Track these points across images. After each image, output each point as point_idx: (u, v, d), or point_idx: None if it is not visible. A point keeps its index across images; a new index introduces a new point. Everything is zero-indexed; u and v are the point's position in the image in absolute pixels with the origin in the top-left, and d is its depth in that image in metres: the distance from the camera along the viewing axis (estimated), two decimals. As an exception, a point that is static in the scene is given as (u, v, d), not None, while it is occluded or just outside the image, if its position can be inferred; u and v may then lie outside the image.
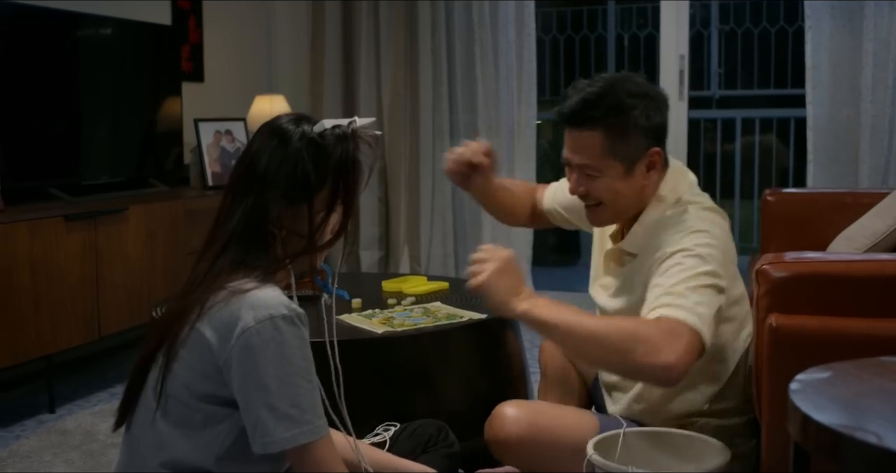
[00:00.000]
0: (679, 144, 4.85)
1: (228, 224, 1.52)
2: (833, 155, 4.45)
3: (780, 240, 3.45)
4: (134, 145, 4.19)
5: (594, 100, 1.89)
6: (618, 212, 1.99)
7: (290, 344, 1.41)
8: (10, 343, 3.10)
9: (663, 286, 1.78)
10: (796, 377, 1.47)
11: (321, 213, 1.54)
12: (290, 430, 1.41)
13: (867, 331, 1.76)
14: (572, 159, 1.95)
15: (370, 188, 5.25)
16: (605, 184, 1.93)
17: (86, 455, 2.90)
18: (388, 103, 5.19)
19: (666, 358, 1.66)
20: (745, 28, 7.31)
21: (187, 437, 1.47)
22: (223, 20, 4.91)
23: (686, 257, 1.81)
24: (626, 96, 1.89)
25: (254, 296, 1.43)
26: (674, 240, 1.85)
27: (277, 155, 1.51)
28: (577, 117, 1.91)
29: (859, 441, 1.22)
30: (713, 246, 1.84)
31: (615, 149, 1.89)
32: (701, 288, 1.76)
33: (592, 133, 1.89)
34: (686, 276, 1.78)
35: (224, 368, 1.43)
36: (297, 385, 1.41)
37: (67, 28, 3.71)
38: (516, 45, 4.98)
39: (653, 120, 1.91)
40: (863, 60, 4.32)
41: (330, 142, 1.52)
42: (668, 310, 1.73)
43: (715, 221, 1.92)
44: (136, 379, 1.55)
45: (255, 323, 1.40)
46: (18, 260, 3.13)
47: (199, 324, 1.44)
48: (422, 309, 2.60)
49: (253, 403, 1.41)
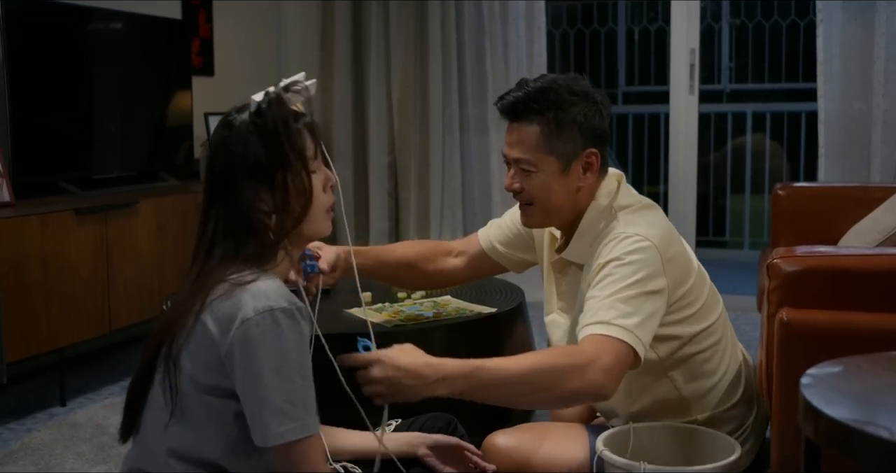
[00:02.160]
0: (690, 138, 4.84)
1: (210, 222, 1.53)
2: (844, 149, 4.43)
3: (791, 235, 3.44)
4: (144, 139, 4.20)
5: (534, 95, 1.90)
6: (549, 213, 1.97)
7: (288, 337, 1.41)
8: (21, 336, 3.12)
9: (595, 298, 1.79)
10: (807, 371, 1.47)
11: (287, 183, 1.52)
12: (281, 425, 1.41)
13: (879, 326, 1.75)
14: (510, 153, 1.94)
15: (379, 182, 5.25)
16: (540, 180, 1.92)
17: (97, 448, 2.92)
18: (398, 97, 5.19)
19: (593, 377, 1.67)
20: (756, 22, 7.28)
21: (193, 430, 1.48)
22: (233, 14, 4.92)
23: (616, 267, 1.81)
24: (567, 93, 1.90)
25: (255, 288, 1.43)
26: (605, 251, 1.85)
27: (229, 145, 1.52)
28: (516, 109, 1.91)
29: (871, 436, 1.22)
30: (643, 248, 1.83)
31: (551, 145, 1.90)
32: (632, 298, 1.77)
33: (530, 127, 1.90)
34: (616, 289, 1.78)
35: (226, 359, 1.43)
36: (292, 380, 1.41)
37: (78, 22, 3.72)
38: (527, 40, 4.97)
39: (591, 120, 1.91)
40: (874, 54, 4.30)
41: (266, 115, 1.52)
42: (595, 328, 1.74)
43: (644, 221, 1.90)
44: (140, 381, 1.56)
45: (254, 314, 1.40)
46: (29, 254, 3.14)
47: (202, 316, 1.45)
48: (431, 303, 2.60)
49: (250, 395, 1.42)
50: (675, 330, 1.92)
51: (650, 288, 1.80)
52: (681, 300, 1.90)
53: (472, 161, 5.20)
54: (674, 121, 4.84)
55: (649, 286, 1.80)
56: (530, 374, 1.66)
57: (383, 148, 5.27)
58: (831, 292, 1.80)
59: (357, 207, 5.37)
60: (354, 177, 5.36)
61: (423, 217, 5.24)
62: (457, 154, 5.17)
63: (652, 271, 1.81)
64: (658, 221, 1.93)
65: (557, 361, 1.69)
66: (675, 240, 1.93)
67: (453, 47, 5.08)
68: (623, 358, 1.72)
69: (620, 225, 1.89)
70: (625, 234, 1.85)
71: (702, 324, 1.96)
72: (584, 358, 1.69)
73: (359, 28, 5.26)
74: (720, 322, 2.02)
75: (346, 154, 5.33)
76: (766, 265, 1.86)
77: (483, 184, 5.16)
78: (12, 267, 3.07)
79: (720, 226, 6.84)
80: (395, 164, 5.29)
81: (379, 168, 5.28)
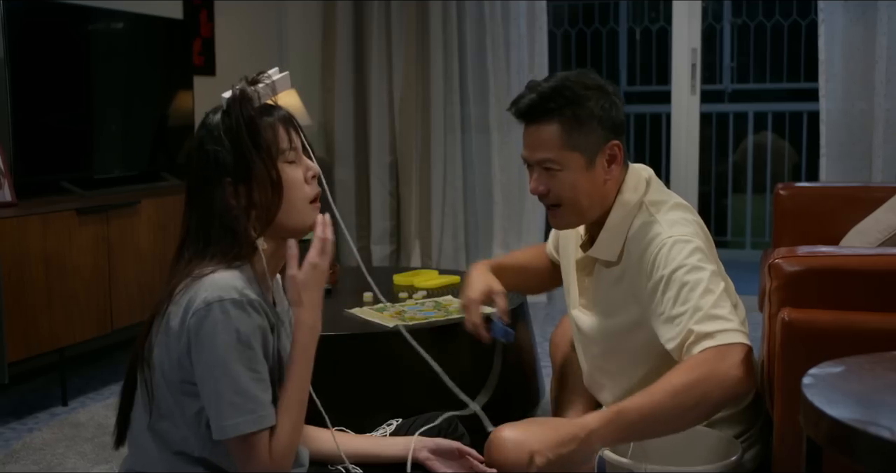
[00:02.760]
0: (691, 138, 4.84)
1: (186, 223, 1.56)
2: (846, 149, 4.43)
3: (793, 235, 3.43)
4: (146, 139, 4.20)
5: (549, 94, 1.89)
6: (580, 212, 1.96)
7: (238, 329, 1.42)
8: (23, 336, 3.12)
9: (686, 315, 1.78)
10: (809, 371, 1.46)
11: (255, 178, 1.52)
12: (232, 418, 1.42)
13: (880, 326, 1.75)
14: (531, 157, 1.93)
15: (381, 181, 5.25)
16: (567, 178, 1.91)
17: (98, 447, 2.92)
18: (400, 97, 5.19)
19: (730, 375, 1.68)
20: (757, 21, 7.28)
21: (177, 427, 1.49)
22: (235, 14, 4.92)
23: (686, 274, 1.80)
24: (581, 88, 1.90)
25: (209, 279, 1.45)
26: (661, 261, 1.84)
27: (204, 145, 1.53)
28: (533, 111, 1.91)
29: (873, 436, 1.22)
30: (698, 248, 1.84)
31: (574, 141, 1.89)
32: (714, 301, 1.77)
33: (550, 126, 1.89)
34: (698, 295, 1.78)
35: (188, 352, 1.45)
36: (241, 372, 1.42)
37: (80, 22, 3.72)
38: (528, 40, 4.97)
39: (609, 112, 1.91)
40: (876, 54, 4.29)
41: (231, 112, 1.52)
42: (705, 343, 1.73)
43: (686, 219, 1.91)
44: (128, 386, 1.57)
45: (203, 305, 1.42)
46: (31, 254, 3.14)
47: (168, 310, 1.48)
48: (433, 303, 2.60)
49: (205, 387, 1.43)
50: None
51: (717, 283, 1.81)
52: None
53: (474, 160, 5.20)
54: (675, 121, 4.84)
55: (715, 282, 1.81)
56: (671, 399, 1.66)
57: (384, 147, 5.27)
58: (833, 292, 1.80)
59: (358, 206, 5.37)
60: (356, 177, 5.36)
61: (425, 216, 5.24)
62: (458, 153, 5.17)
63: (712, 266, 1.83)
64: (694, 219, 1.94)
65: (689, 377, 1.68)
66: (709, 242, 1.95)
67: (455, 47, 5.08)
68: (742, 353, 1.72)
69: (663, 226, 1.88)
70: (674, 239, 1.85)
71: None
72: (711, 366, 1.69)
73: (360, 27, 5.26)
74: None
75: (348, 153, 5.34)
76: (767, 265, 1.85)
77: (485, 184, 5.16)
78: (14, 266, 3.07)
79: (722, 225, 6.84)
80: (397, 164, 5.29)
81: (380, 167, 5.28)
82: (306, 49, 5.37)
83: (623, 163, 1.95)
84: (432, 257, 5.22)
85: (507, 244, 5.09)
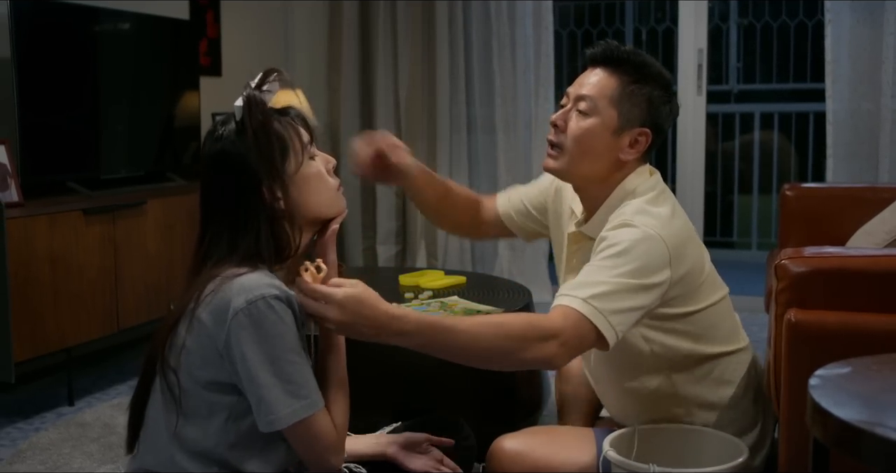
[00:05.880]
0: (697, 138, 4.84)
1: (207, 232, 1.57)
2: (853, 149, 4.42)
3: (799, 235, 3.43)
4: (152, 139, 4.21)
5: (631, 54, 1.92)
6: (573, 165, 1.93)
7: (284, 321, 1.46)
8: (29, 336, 3.12)
9: (587, 273, 1.77)
10: (816, 372, 1.46)
11: (286, 177, 1.55)
12: (290, 406, 1.45)
13: (887, 327, 1.75)
14: (577, 90, 1.93)
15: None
16: (590, 125, 1.89)
17: (105, 447, 2.92)
18: (406, 97, 5.19)
19: (550, 350, 1.66)
20: (763, 22, 7.26)
21: (197, 426, 1.50)
22: (241, 14, 4.92)
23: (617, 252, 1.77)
24: (657, 73, 1.93)
25: (244, 279, 1.47)
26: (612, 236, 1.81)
27: (220, 157, 1.56)
28: (611, 56, 1.92)
29: (880, 437, 1.21)
30: (648, 238, 1.77)
31: (619, 101, 1.89)
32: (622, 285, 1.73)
33: (611, 77, 1.91)
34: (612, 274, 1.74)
35: (224, 352, 1.47)
36: (292, 361, 1.46)
37: (86, 23, 3.72)
38: (534, 40, 4.97)
39: (661, 107, 1.92)
40: (883, 54, 4.29)
41: (254, 118, 1.56)
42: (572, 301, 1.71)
43: (656, 211, 1.85)
44: (142, 390, 1.59)
45: (246, 304, 1.44)
46: (38, 254, 3.15)
47: (198, 312, 1.49)
48: (439, 304, 2.60)
49: (253, 382, 1.45)
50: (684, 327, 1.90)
51: (645, 282, 1.75)
52: (689, 293, 1.87)
53: (480, 160, 5.20)
54: (681, 121, 4.84)
55: (645, 279, 1.75)
56: (491, 341, 1.64)
57: (390, 147, 5.26)
58: (839, 293, 1.80)
59: (364, 206, 5.37)
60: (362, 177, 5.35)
61: (431, 217, 5.24)
62: (464, 153, 5.17)
63: (652, 264, 1.76)
64: (668, 212, 1.87)
65: (521, 331, 1.66)
66: (687, 235, 1.88)
67: (461, 47, 5.08)
68: (585, 338, 1.70)
69: (632, 209, 1.85)
70: (632, 222, 1.80)
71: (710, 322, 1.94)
72: (547, 332, 1.67)
73: (366, 28, 5.27)
74: (735, 326, 2.01)
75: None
76: (773, 266, 1.85)
77: (490, 184, 5.16)
78: (21, 266, 3.08)
79: (728, 226, 6.83)
80: (403, 164, 5.28)
81: (386, 168, 5.27)
82: (312, 49, 5.37)
83: (644, 157, 1.95)
84: (438, 257, 5.22)
85: (513, 245, 5.09)
